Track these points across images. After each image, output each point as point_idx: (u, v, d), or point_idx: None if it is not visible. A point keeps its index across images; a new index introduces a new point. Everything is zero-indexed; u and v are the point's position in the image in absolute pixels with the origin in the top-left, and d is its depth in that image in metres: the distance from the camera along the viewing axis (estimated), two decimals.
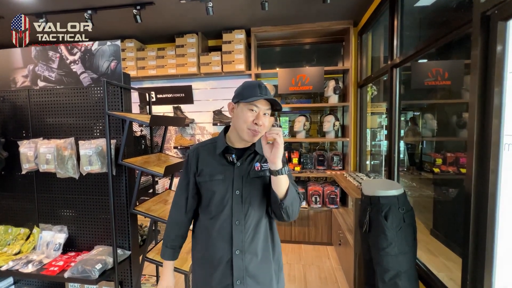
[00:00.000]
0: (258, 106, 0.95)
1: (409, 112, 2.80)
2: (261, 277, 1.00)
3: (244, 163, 1.01)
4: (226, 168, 1.00)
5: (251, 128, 0.95)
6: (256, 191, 1.00)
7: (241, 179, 0.99)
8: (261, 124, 0.94)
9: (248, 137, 0.96)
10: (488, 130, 1.06)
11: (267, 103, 0.96)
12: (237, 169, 1.00)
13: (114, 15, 2.65)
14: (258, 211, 1.00)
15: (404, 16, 2.18)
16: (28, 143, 1.68)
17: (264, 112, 0.96)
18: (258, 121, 0.94)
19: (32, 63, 1.76)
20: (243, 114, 0.95)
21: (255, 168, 1.01)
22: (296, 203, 0.97)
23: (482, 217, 1.10)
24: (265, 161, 1.01)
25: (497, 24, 1.02)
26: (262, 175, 1.00)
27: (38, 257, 1.67)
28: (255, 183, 1.00)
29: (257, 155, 1.03)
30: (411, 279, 1.39)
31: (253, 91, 0.95)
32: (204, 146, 1.06)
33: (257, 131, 0.95)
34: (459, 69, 2.15)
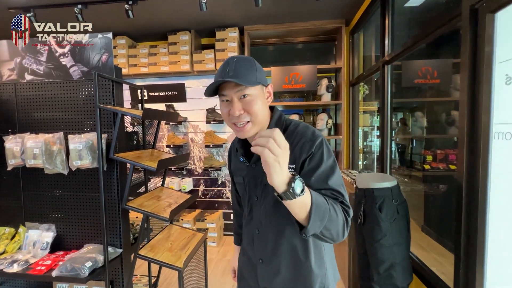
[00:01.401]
0: (225, 94, 0.75)
1: (399, 113, 2.86)
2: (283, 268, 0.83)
3: (258, 164, 0.82)
4: (244, 169, 0.87)
5: (231, 121, 0.76)
6: (273, 200, 0.80)
7: (255, 183, 0.84)
8: (239, 113, 0.73)
9: (237, 133, 0.78)
10: (478, 119, 1.09)
11: (235, 84, 0.72)
12: (251, 171, 0.84)
13: (105, 10, 2.60)
14: (278, 223, 0.81)
15: (395, 16, 2.23)
16: (14, 138, 1.62)
17: (239, 95, 0.73)
18: (232, 111, 0.73)
19: (19, 56, 1.70)
20: (220, 109, 0.79)
21: None
22: (335, 222, 0.67)
23: (473, 209, 1.12)
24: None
25: (486, 16, 1.05)
26: None
27: (24, 256, 1.61)
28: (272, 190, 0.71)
29: None
30: (405, 270, 1.40)
31: (218, 76, 0.74)
32: (233, 144, 0.99)
33: (242, 122, 0.75)
34: (447, 68, 2.21)
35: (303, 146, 0.77)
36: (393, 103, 2.25)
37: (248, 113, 0.74)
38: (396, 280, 1.38)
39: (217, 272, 2.53)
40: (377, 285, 1.42)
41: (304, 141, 0.77)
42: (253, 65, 0.76)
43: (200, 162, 3.44)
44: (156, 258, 1.51)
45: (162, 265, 1.50)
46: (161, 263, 1.49)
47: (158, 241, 1.72)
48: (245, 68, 0.74)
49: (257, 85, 0.75)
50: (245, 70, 0.74)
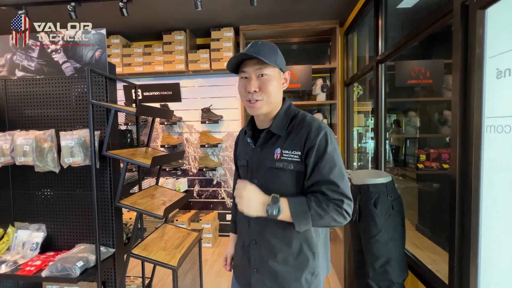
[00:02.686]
0: (245, 71, 0.81)
1: (393, 114, 2.90)
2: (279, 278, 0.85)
3: (265, 148, 0.85)
4: (249, 152, 0.90)
5: (247, 98, 0.82)
6: (274, 184, 0.82)
7: (258, 167, 0.85)
8: (254, 90, 0.79)
9: (249, 110, 0.84)
10: (470, 113, 1.10)
11: (257, 61, 0.79)
12: (257, 155, 0.87)
13: (99, 9, 2.58)
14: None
15: (388, 17, 2.27)
16: (4, 135, 1.58)
17: (257, 73, 0.80)
18: (249, 87, 0.79)
19: (10, 52, 1.67)
20: (239, 85, 0.85)
21: (274, 156, 0.82)
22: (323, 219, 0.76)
23: (467, 204, 1.13)
24: (291, 146, 0.81)
25: (476, 12, 1.07)
26: (280, 167, 0.81)
27: (12, 257, 1.56)
28: (274, 174, 0.81)
29: (276, 137, 0.85)
30: (401, 266, 1.40)
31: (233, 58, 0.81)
32: (241, 130, 1.05)
33: (254, 99, 0.80)
34: (439, 68, 2.25)
35: (308, 136, 0.81)
36: (387, 104, 2.28)
37: (262, 91, 0.81)
38: (392, 276, 1.38)
39: (212, 273, 2.50)
40: (372, 281, 1.41)
41: (309, 130, 0.81)
42: (276, 50, 0.84)
43: (195, 162, 3.41)
44: (149, 257, 1.48)
45: (156, 264, 1.47)
46: (155, 262, 1.46)
47: (152, 240, 1.69)
48: (268, 50, 0.81)
49: (276, 67, 0.82)
50: (268, 51, 0.80)
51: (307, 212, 0.76)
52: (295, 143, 0.81)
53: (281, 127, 0.85)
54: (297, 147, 0.81)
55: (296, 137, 0.82)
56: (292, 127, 0.84)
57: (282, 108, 0.88)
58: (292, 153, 0.81)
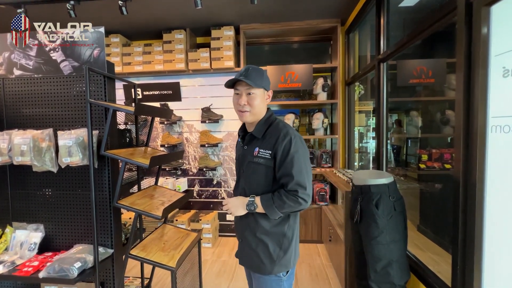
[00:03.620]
0: (238, 89, 1.11)
1: (394, 114, 2.87)
2: (250, 244, 1.16)
3: (249, 147, 1.16)
4: (239, 150, 1.22)
5: (238, 108, 1.12)
6: (252, 174, 1.13)
7: (245, 160, 1.16)
8: (244, 103, 1.10)
9: (240, 117, 1.14)
10: (475, 113, 1.08)
11: (246, 84, 1.08)
12: (243, 152, 1.18)
13: (98, 7, 2.56)
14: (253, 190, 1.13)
15: (390, 15, 2.24)
16: (2, 135, 1.57)
17: (247, 92, 1.09)
18: (240, 101, 1.10)
19: (8, 51, 1.65)
20: (233, 99, 1.15)
21: (253, 153, 1.12)
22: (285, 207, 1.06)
23: (470, 204, 1.10)
24: (265, 146, 1.10)
25: (481, 9, 1.05)
26: (257, 162, 1.10)
27: (10, 258, 1.55)
28: (252, 167, 1.12)
29: (258, 139, 1.13)
30: (403, 268, 1.38)
31: (237, 76, 1.09)
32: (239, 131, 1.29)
33: (243, 111, 1.11)
34: (442, 67, 2.23)
35: (277, 140, 1.08)
36: (388, 103, 2.25)
37: (250, 105, 1.10)
38: (394, 278, 1.36)
39: (212, 273, 2.48)
40: (374, 284, 1.39)
41: (278, 136, 1.09)
42: (262, 74, 1.12)
43: (195, 162, 3.39)
44: (148, 258, 1.47)
45: (154, 265, 1.45)
46: (153, 263, 1.45)
47: (151, 240, 1.67)
48: (256, 74, 1.09)
49: (260, 88, 1.11)
50: (255, 76, 1.09)
51: (272, 204, 1.07)
52: (268, 144, 1.10)
53: (259, 132, 1.13)
54: (269, 147, 1.09)
55: (269, 140, 1.10)
56: (267, 132, 1.12)
57: (264, 117, 1.15)
58: (265, 152, 1.09)
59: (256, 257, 1.14)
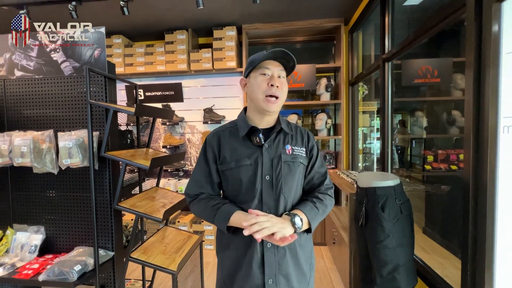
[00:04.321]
0: (269, 68, 0.88)
1: (399, 114, 2.83)
2: (293, 276, 0.89)
3: (273, 145, 0.91)
4: (254, 151, 0.90)
5: (267, 92, 0.86)
6: (289, 176, 0.91)
7: (271, 163, 0.90)
8: (278, 85, 0.87)
9: (266, 105, 0.87)
10: (485, 113, 1.04)
11: (278, 64, 0.89)
12: (266, 151, 0.90)
13: (100, 8, 2.56)
14: (291, 198, 0.91)
15: (394, 13, 2.20)
16: (2, 136, 1.56)
17: (279, 74, 0.89)
18: (273, 81, 0.86)
19: (9, 52, 1.64)
20: (256, 81, 0.89)
21: (286, 152, 0.92)
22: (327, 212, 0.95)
23: (481, 207, 1.06)
24: (295, 143, 0.95)
25: (492, 5, 1.01)
26: (294, 161, 0.92)
27: (10, 260, 1.53)
28: (288, 168, 0.91)
29: (286, 135, 0.95)
30: (410, 273, 1.34)
31: (260, 55, 0.88)
32: (224, 130, 0.96)
33: (276, 95, 0.87)
34: (447, 67, 2.18)
35: (309, 137, 0.99)
36: (393, 103, 2.21)
37: (281, 89, 0.89)
38: (400, 283, 1.32)
39: (214, 276, 2.45)
40: None
41: (307, 132, 1.00)
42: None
43: None
44: (148, 261, 1.44)
45: (155, 268, 1.43)
46: (154, 266, 1.42)
47: (152, 243, 1.65)
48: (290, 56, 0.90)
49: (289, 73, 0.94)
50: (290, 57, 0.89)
51: (317, 214, 0.89)
52: (298, 141, 0.96)
53: (286, 127, 0.96)
54: (302, 145, 0.96)
55: (299, 137, 0.97)
56: (291, 128, 0.98)
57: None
58: (300, 149, 0.95)
59: None
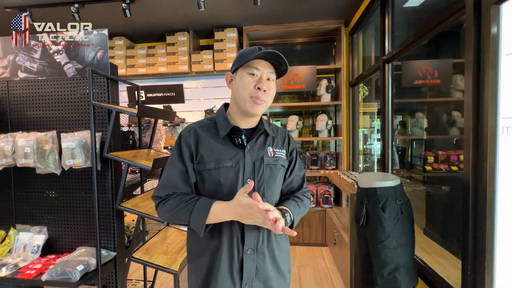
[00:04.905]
0: (258, 68, 0.81)
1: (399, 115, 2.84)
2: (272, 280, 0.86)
3: (254, 146, 0.86)
4: (235, 153, 0.84)
5: (253, 95, 0.80)
6: (271, 179, 0.87)
7: (253, 165, 0.84)
8: (265, 89, 0.80)
9: (251, 107, 0.81)
10: (484, 114, 1.05)
11: (269, 65, 0.83)
12: (248, 153, 0.84)
13: (102, 10, 2.58)
14: (273, 203, 0.88)
15: (394, 15, 2.22)
16: (6, 137, 1.57)
17: (268, 76, 0.82)
18: (261, 85, 0.80)
19: (13, 53, 1.66)
20: (243, 80, 0.81)
21: (268, 154, 0.87)
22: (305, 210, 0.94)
23: (481, 208, 1.07)
24: (276, 145, 0.91)
25: (491, 8, 1.02)
26: (276, 164, 0.88)
27: (13, 260, 1.55)
28: (270, 171, 0.87)
29: (268, 137, 0.90)
30: (410, 273, 1.35)
31: (251, 51, 0.80)
32: (202, 126, 0.87)
33: (261, 99, 0.80)
34: (447, 68, 2.19)
35: (289, 139, 0.96)
36: (394, 104, 2.22)
37: (268, 94, 0.83)
38: (401, 284, 1.32)
39: None
40: None
41: (288, 134, 0.98)
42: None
43: None
44: (150, 261, 1.45)
45: (157, 268, 1.44)
46: (156, 266, 1.43)
47: (154, 243, 1.66)
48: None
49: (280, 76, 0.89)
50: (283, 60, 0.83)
51: (298, 214, 0.88)
52: (280, 143, 0.93)
53: (269, 128, 0.92)
54: (283, 147, 0.93)
55: (280, 139, 0.94)
56: (272, 130, 0.94)
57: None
58: (281, 152, 0.91)
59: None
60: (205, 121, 0.90)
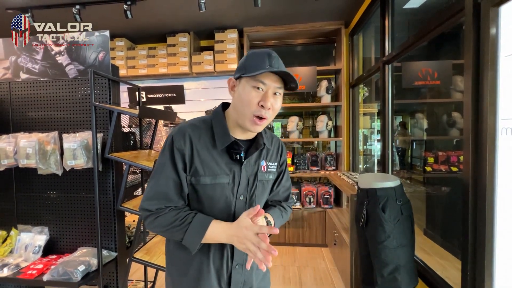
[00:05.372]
0: (265, 83, 0.72)
1: (399, 116, 2.85)
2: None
3: (251, 161, 0.80)
4: (232, 167, 0.77)
5: (256, 113, 0.72)
6: (262, 195, 0.83)
7: (247, 181, 0.79)
8: (269, 107, 0.72)
9: (251, 125, 0.74)
10: (484, 115, 1.06)
11: (278, 79, 0.73)
12: (244, 169, 0.78)
13: (103, 12, 2.59)
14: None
15: (394, 16, 2.23)
16: (8, 138, 1.58)
17: (275, 91, 0.74)
18: (265, 103, 0.71)
19: (15, 55, 1.67)
20: (246, 93, 0.72)
21: (262, 169, 0.82)
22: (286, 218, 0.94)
23: (480, 209, 1.08)
24: (271, 157, 0.85)
25: (490, 10, 1.03)
26: (267, 179, 0.84)
27: (15, 260, 1.55)
28: (262, 187, 0.83)
29: (261, 150, 0.83)
30: (411, 273, 1.35)
31: (260, 62, 0.71)
32: (195, 130, 0.76)
33: (264, 117, 0.73)
34: (447, 69, 2.20)
35: (282, 150, 0.91)
36: (394, 105, 2.23)
37: (272, 110, 0.75)
38: (401, 284, 1.33)
39: None
40: None
41: (281, 144, 0.92)
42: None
43: None
44: (151, 261, 1.46)
45: (158, 268, 1.44)
46: (157, 267, 1.44)
47: (155, 244, 1.66)
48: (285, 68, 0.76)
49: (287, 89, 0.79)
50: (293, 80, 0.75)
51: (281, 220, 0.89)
52: (274, 155, 0.87)
53: (266, 140, 0.85)
54: (275, 159, 0.87)
55: (274, 150, 0.88)
56: (268, 140, 0.86)
57: None
58: (273, 165, 0.86)
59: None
60: (199, 125, 0.78)
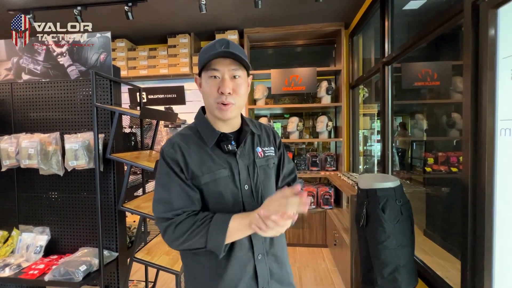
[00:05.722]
0: (218, 69, 0.72)
1: (399, 117, 2.86)
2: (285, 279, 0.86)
3: (244, 150, 0.81)
4: (227, 160, 0.78)
5: (218, 100, 0.73)
6: (266, 181, 0.83)
7: (247, 170, 0.80)
8: (229, 92, 0.72)
9: (219, 113, 0.75)
10: (483, 116, 1.07)
11: (231, 62, 0.73)
12: (240, 159, 0.79)
13: (104, 13, 2.61)
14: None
15: (394, 18, 2.24)
16: (10, 138, 1.59)
17: (232, 74, 0.74)
18: (223, 88, 0.72)
19: (17, 56, 1.68)
20: (207, 85, 0.74)
21: (258, 155, 0.82)
22: None
23: (479, 210, 1.09)
24: (265, 143, 0.86)
25: (488, 12, 1.04)
26: (268, 164, 0.84)
27: (16, 260, 1.56)
28: (264, 173, 0.83)
29: (254, 136, 0.85)
30: (411, 273, 1.36)
31: (209, 52, 0.72)
32: (184, 139, 0.78)
33: (228, 102, 0.73)
34: (447, 70, 2.21)
35: (274, 133, 0.92)
36: (394, 106, 2.24)
37: (236, 94, 0.75)
38: (401, 284, 1.33)
39: None
40: None
41: (271, 129, 0.93)
42: (243, 50, 0.79)
43: None
44: (152, 261, 1.46)
45: (159, 268, 1.45)
46: (158, 267, 1.44)
47: (156, 244, 1.67)
48: (240, 49, 0.77)
49: (245, 70, 0.78)
50: (241, 51, 0.76)
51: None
52: (267, 140, 0.88)
53: (254, 127, 0.86)
54: (270, 144, 0.88)
55: (265, 135, 0.88)
56: (256, 127, 0.87)
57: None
58: (269, 149, 0.86)
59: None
60: (187, 133, 0.80)
